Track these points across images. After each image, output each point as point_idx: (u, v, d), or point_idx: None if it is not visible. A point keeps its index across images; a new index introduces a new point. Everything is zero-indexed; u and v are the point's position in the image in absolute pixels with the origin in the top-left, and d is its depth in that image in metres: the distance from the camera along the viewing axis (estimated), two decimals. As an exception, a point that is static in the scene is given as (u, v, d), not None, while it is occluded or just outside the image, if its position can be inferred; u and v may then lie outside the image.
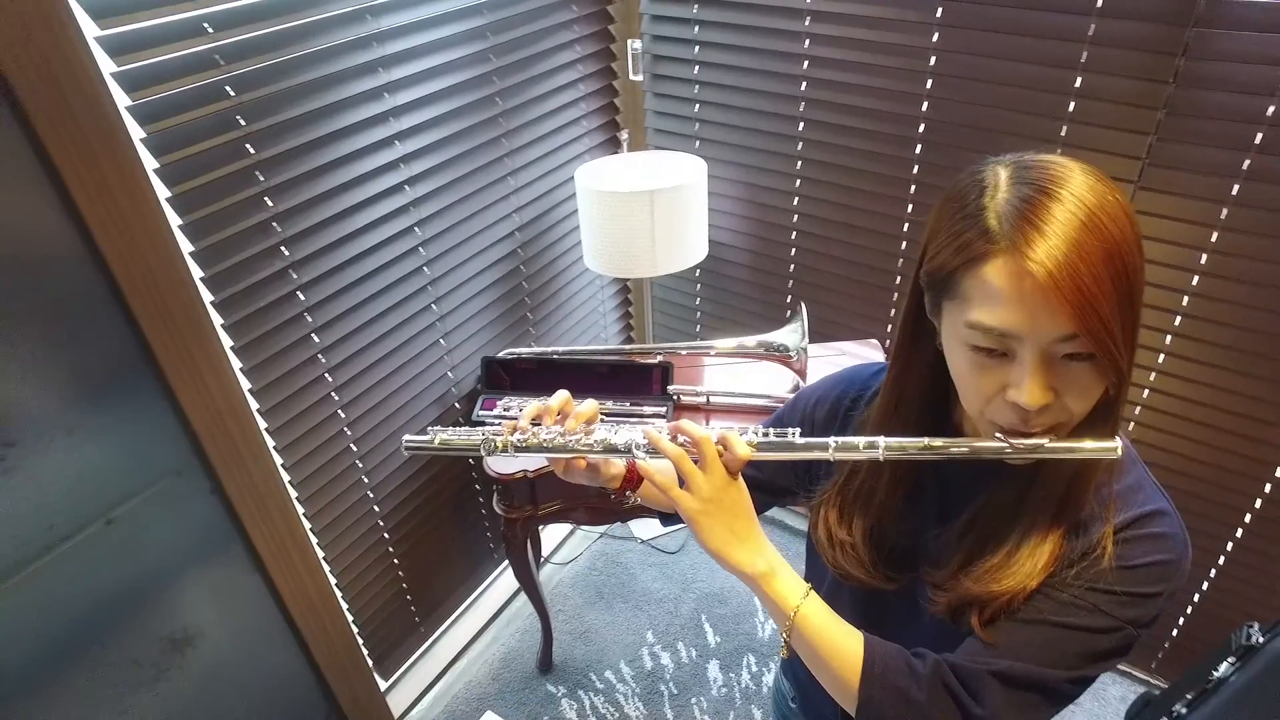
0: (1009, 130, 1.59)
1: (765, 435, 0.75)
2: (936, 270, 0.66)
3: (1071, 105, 1.52)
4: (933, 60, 1.61)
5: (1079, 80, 1.49)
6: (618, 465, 0.88)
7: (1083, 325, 0.59)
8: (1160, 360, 1.63)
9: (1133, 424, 1.73)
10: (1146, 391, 1.68)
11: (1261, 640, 1.06)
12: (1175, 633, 1.92)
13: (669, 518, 0.99)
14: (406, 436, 0.85)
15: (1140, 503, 0.70)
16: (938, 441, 0.70)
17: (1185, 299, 1.55)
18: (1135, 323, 0.62)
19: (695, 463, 0.74)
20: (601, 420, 0.84)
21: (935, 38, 1.59)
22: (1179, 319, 1.58)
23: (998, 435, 0.67)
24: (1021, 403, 0.63)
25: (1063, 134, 1.55)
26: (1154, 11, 1.38)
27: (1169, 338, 1.60)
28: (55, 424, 1.15)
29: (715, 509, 0.73)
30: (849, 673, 0.72)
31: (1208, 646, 1.10)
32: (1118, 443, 0.65)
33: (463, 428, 0.84)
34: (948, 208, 0.67)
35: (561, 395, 0.82)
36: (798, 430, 0.76)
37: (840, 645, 0.73)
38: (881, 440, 0.71)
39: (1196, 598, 1.83)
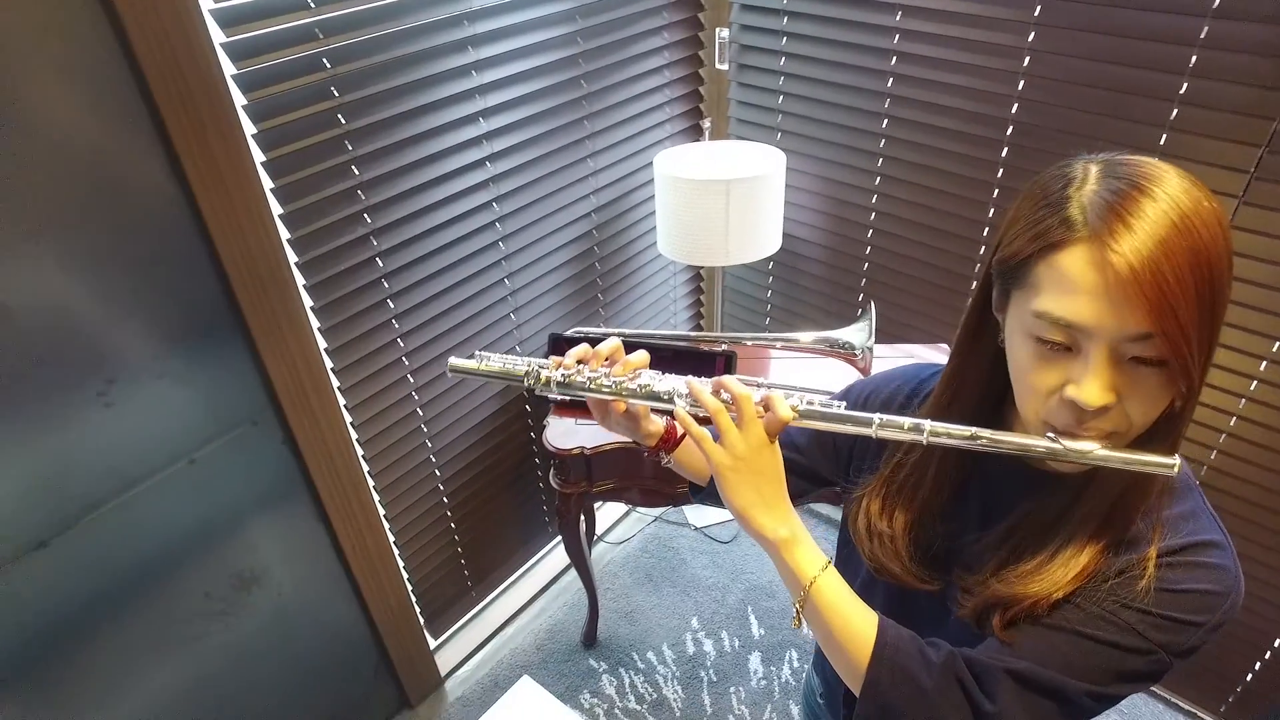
0: (1103, 136, 1.53)
1: (810, 403, 0.74)
2: (1009, 258, 0.64)
3: (1175, 112, 1.44)
4: (1026, 61, 1.56)
5: (1185, 86, 1.42)
6: (657, 424, 0.87)
7: (1159, 325, 0.56)
8: (1253, 387, 1.55)
9: (1215, 452, 1.64)
10: (1234, 419, 1.59)
11: None
12: (1250, 677, 1.82)
13: (700, 491, 0.98)
14: (452, 359, 0.84)
15: (1193, 531, 0.67)
16: (984, 432, 0.68)
17: (1287, 326, 1.46)
18: (1214, 336, 0.59)
19: (734, 420, 0.73)
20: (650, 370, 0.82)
21: (1031, 37, 1.53)
22: (1277, 345, 1.49)
23: (1049, 435, 0.64)
24: (1080, 400, 0.60)
25: (1162, 142, 1.47)
26: (1276, 14, 1.29)
27: (1264, 364, 1.51)
28: (150, 368, 1.24)
29: (745, 468, 0.72)
30: (859, 651, 0.71)
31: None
32: (1177, 460, 0.62)
33: (510, 356, 0.83)
34: (1029, 198, 0.65)
35: (612, 343, 0.81)
36: (844, 404, 0.74)
37: (854, 623, 0.72)
38: (927, 423, 0.69)
39: (1277, 643, 1.73)
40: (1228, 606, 0.66)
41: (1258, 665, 1.79)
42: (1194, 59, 1.39)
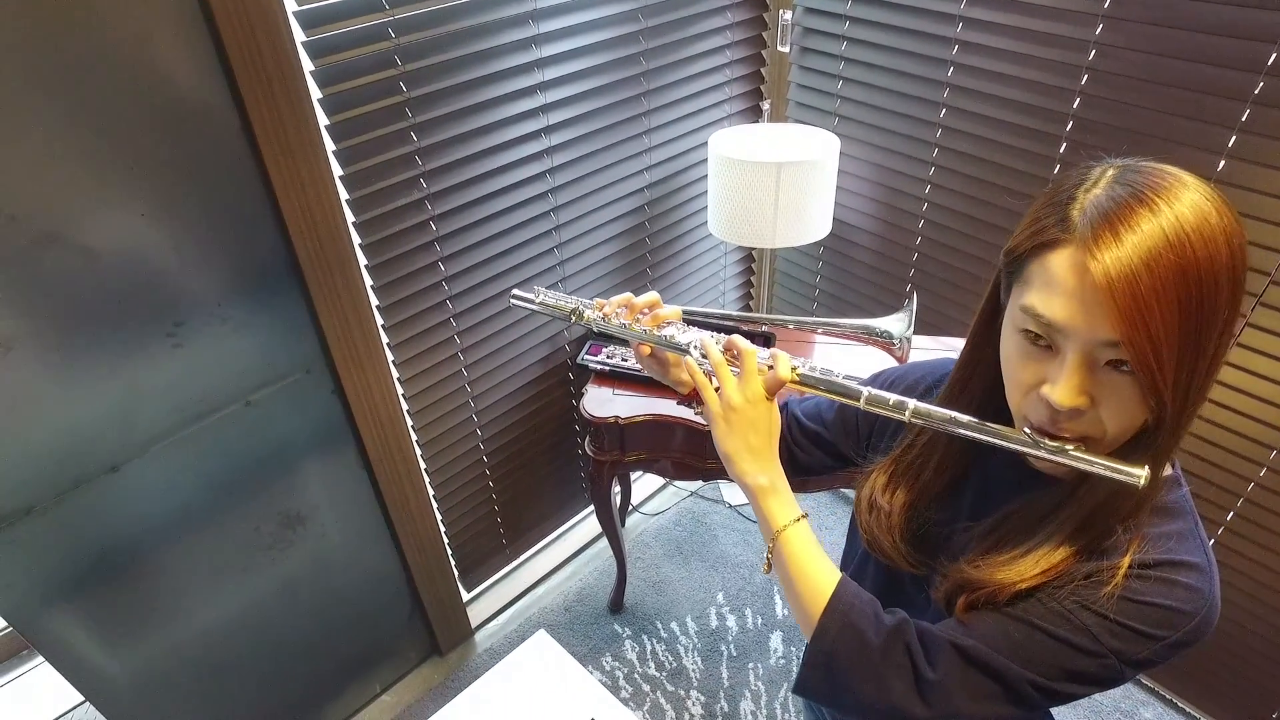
0: (1166, 135, 1.48)
1: (811, 369, 0.79)
2: (1011, 250, 0.67)
3: (1246, 113, 1.39)
4: (1092, 54, 1.52)
5: (1261, 85, 1.36)
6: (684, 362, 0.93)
7: (1127, 335, 0.57)
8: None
9: (1265, 469, 1.59)
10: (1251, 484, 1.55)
11: None
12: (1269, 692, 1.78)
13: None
14: (515, 290, 0.96)
15: (1173, 550, 0.67)
16: (964, 417, 0.71)
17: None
18: (1199, 357, 0.59)
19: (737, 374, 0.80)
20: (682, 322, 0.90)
21: (1099, 30, 1.49)
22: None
23: (1026, 430, 0.67)
24: (1052, 400, 0.63)
25: (1230, 144, 1.42)
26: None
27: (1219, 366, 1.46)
28: (215, 313, 1.33)
29: (737, 418, 0.78)
30: (815, 601, 0.74)
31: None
32: (1144, 471, 0.62)
33: (561, 294, 0.93)
34: (1046, 194, 0.67)
35: (651, 295, 0.89)
36: (842, 372, 0.79)
37: (815, 574, 0.76)
38: (911, 401, 0.73)
39: (1311, 667, 1.69)
40: (1192, 628, 0.66)
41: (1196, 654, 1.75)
42: (1275, 57, 1.34)
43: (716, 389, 0.81)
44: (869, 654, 0.72)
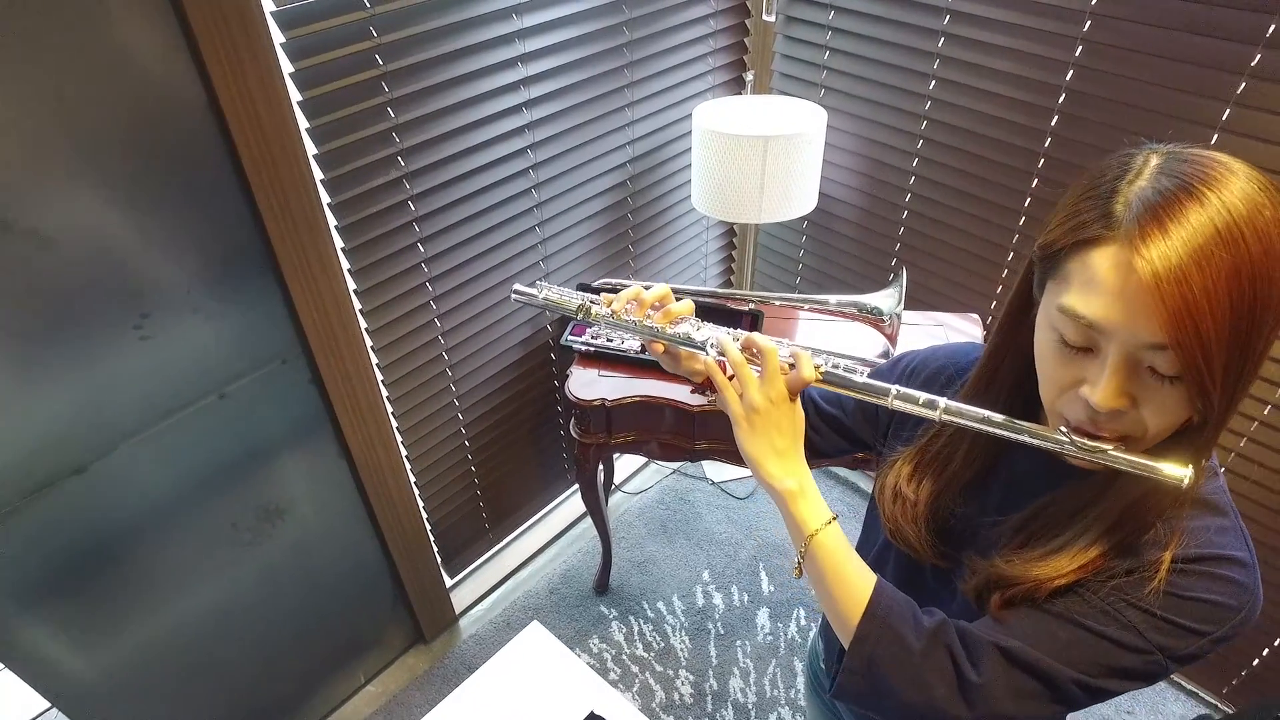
0: (1160, 110, 1.47)
1: (835, 366, 0.76)
2: (1048, 245, 0.63)
3: (1242, 86, 1.38)
4: (1086, 26, 1.49)
5: (1257, 58, 1.35)
6: (702, 361, 0.89)
7: (1176, 339, 0.54)
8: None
9: (1233, 454, 1.61)
10: (1255, 424, 1.56)
11: None
12: (1256, 663, 1.83)
13: None
14: (516, 285, 0.93)
15: (1215, 544, 0.66)
16: (997, 417, 0.68)
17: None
18: (1248, 358, 0.56)
19: (758, 374, 0.76)
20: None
21: (1093, 1, 1.47)
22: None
23: (1062, 430, 0.65)
24: (1093, 402, 0.60)
25: (1224, 117, 1.41)
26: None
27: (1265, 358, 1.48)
28: (184, 303, 1.26)
29: (761, 420, 0.75)
30: (853, 606, 0.72)
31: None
32: (1188, 471, 0.60)
33: (566, 290, 0.89)
34: (1083, 184, 0.63)
35: (661, 289, 0.85)
36: (868, 370, 0.76)
37: (851, 579, 0.73)
38: (942, 400, 0.70)
39: (1286, 631, 1.73)
40: (1237, 622, 0.65)
41: (1265, 651, 1.80)
42: (1272, 28, 1.32)
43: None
44: (910, 658, 0.69)
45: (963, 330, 1.91)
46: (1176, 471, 0.60)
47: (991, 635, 0.69)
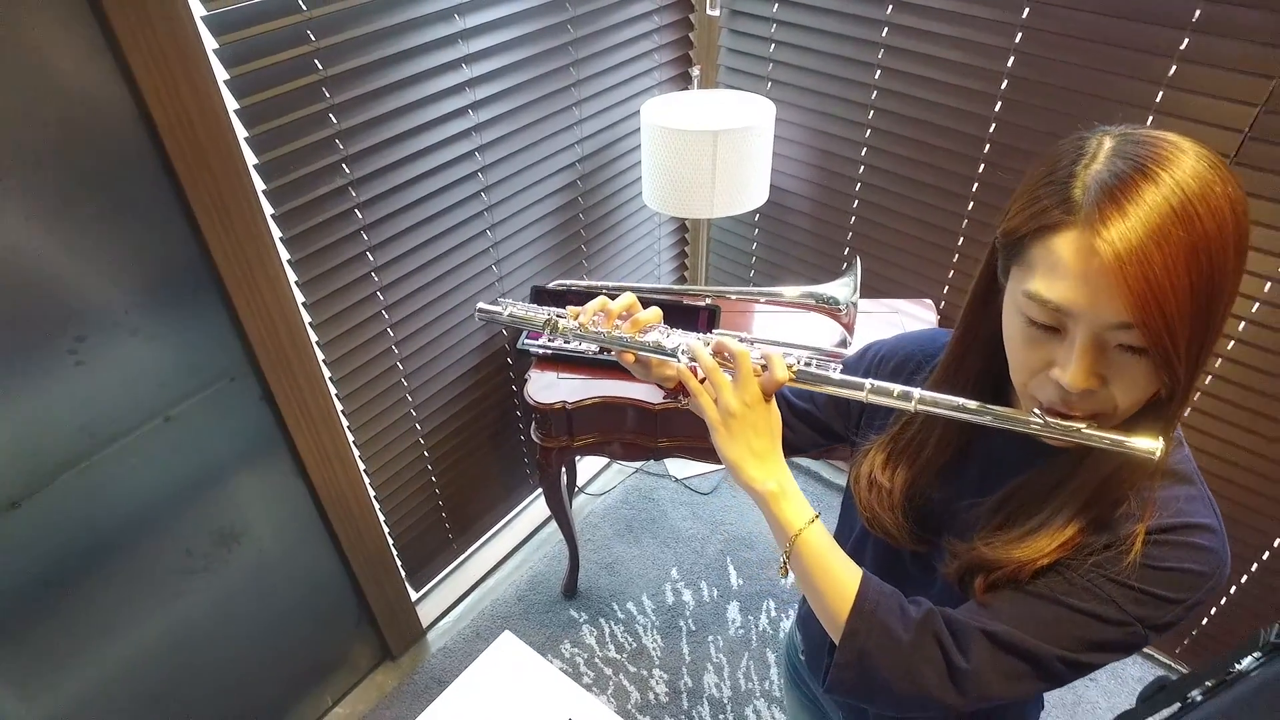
0: (1099, 93, 1.51)
1: (807, 364, 0.76)
2: (1010, 232, 0.64)
3: (1173, 69, 1.42)
4: (1025, 13, 1.52)
5: (1186, 41, 1.39)
6: (673, 367, 0.89)
7: (1141, 317, 0.56)
8: (1229, 346, 1.56)
9: (1199, 394, 1.67)
10: (1208, 378, 1.62)
11: None
12: (1205, 622, 1.89)
13: None
14: (480, 304, 0.91)
15: (1185, 513, 0.68)
16: (972, 404, 0.69)
17: (1267, 285, 1.47)
18: (1209, 329, 0.58)
19: (731, 377, 0.76)
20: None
21: (1032, -12, 1.50)
22: (1256, 305, 1.50)
23: (1035, 412, 0.66)
24: (1064, 383, 0.61)
25: (1158, 99, 1.45)
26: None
27: (1242, 324, 1.53)
28: (122, 323, 1.20)
29: (737, 424, 0.75)
30: (841, 602, 0.73)
31: (1237, 640, 1.07)
32: (1159, 444, 0.62)
33: (532, 305, 0.88)
34: (1039, 170, 0.64)
35: (627, 298, 0.84)
36: (840, 366, 0.76)
37: (837, 575, 0.74)
38: (916, 391, 0.71)
39: (1233, 590, 1.80)
40: (1209, 587, 0.67)
41: (1213, 610, 1.86)
42: (1198, 13, 1.36)
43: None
44: (900, 649, 0.70)
45: (917, 316, 1.94)
46: (1148, 444, 0.62)
47: (977, 621, 0.70)
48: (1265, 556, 1.71)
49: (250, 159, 1.25)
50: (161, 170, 1.15)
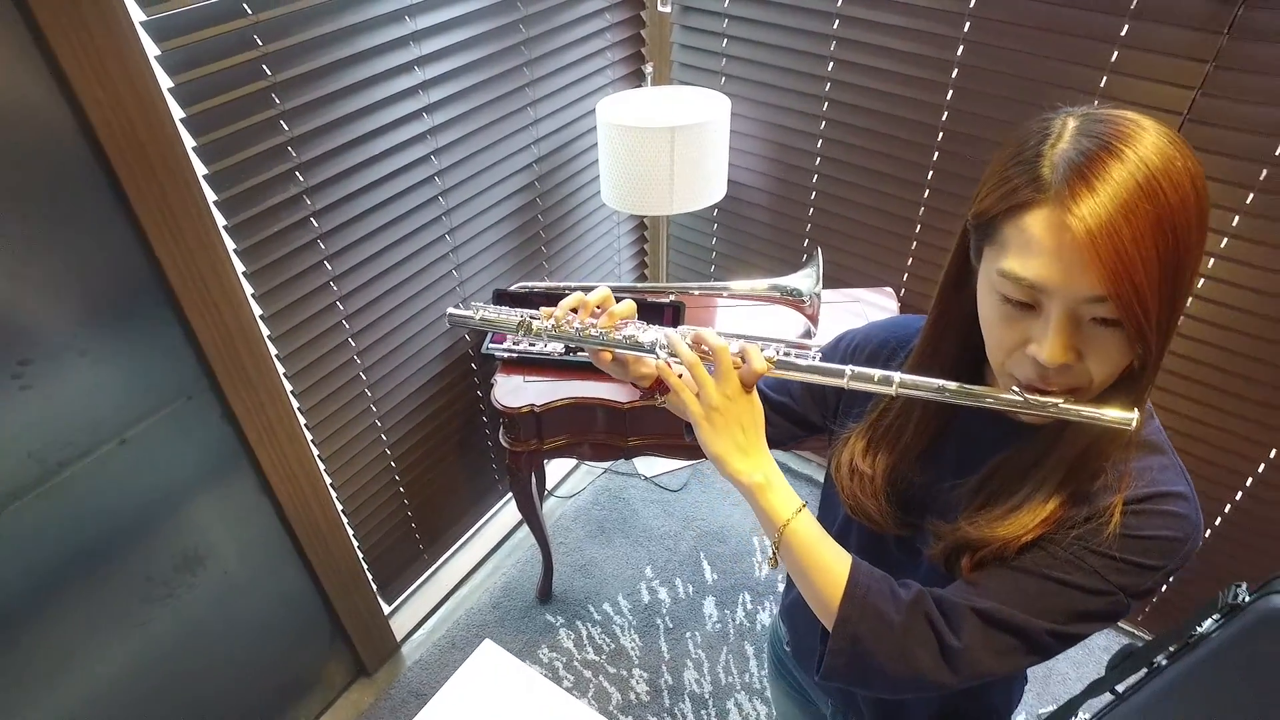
0: (1046, 79, 1.54)
1: (785, 354, 0.77)
2: (981, 214, 0.66)
3: (1115, 54, 1.46)
4: (972, 2, 1.55)
5: (1126, 28, 1.43)
6: (650, 365, 0.89)
7: (1113, 289, 0.57)
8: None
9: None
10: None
11: (1248, 600, 1.07)
12: (1165, 589, 1.96)
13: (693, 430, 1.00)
14: (450, 308, 0.89)
15: (1158, 481, 0.70)
16: (952, 385, 0.70)
17: (1210, 261, 1.52)
18: (1177, 298, 0.60)
19: (711, 371, 0.76)
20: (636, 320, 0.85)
21: (978, -22, 1.53)
22: (1200, 281, 1.55)
23: (1014, 389, 0.67)
24: (1041, 359, 0.63)
25: (1103, 84, 1.49)
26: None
27: (1189, 300, 1.58)
28: (69, 344, 1.15)
29: (720, 417, 0.75)
30: (832, 589, 0.73)
31: (1196, 604, 1.11)
32: (1135, 415, 0.64)
33: (503, 307, 0.86)
34: (1006, 151, 0.65)
35: (601, 292, 0.83)
36: (818, 354, 0.76)
37: (827, 563, 0.75)
38: (897, 375, 0.72)
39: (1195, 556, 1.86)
40: (1186, 552, 0.69)
41: (1172, 579, 1.92)
42: (1135, 1, 1.40)
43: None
44: (892, 633, 0.71)
45: (878, 304, 1.96)
46: (1123, 415, 0.64)
47: (967, 599, 0.71)
48: (1218, 523, 1.78)
49: (200, 169, 1.21)
50: (106, 184, 1.11)
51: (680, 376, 0.78)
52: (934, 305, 0.78)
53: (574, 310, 0.82)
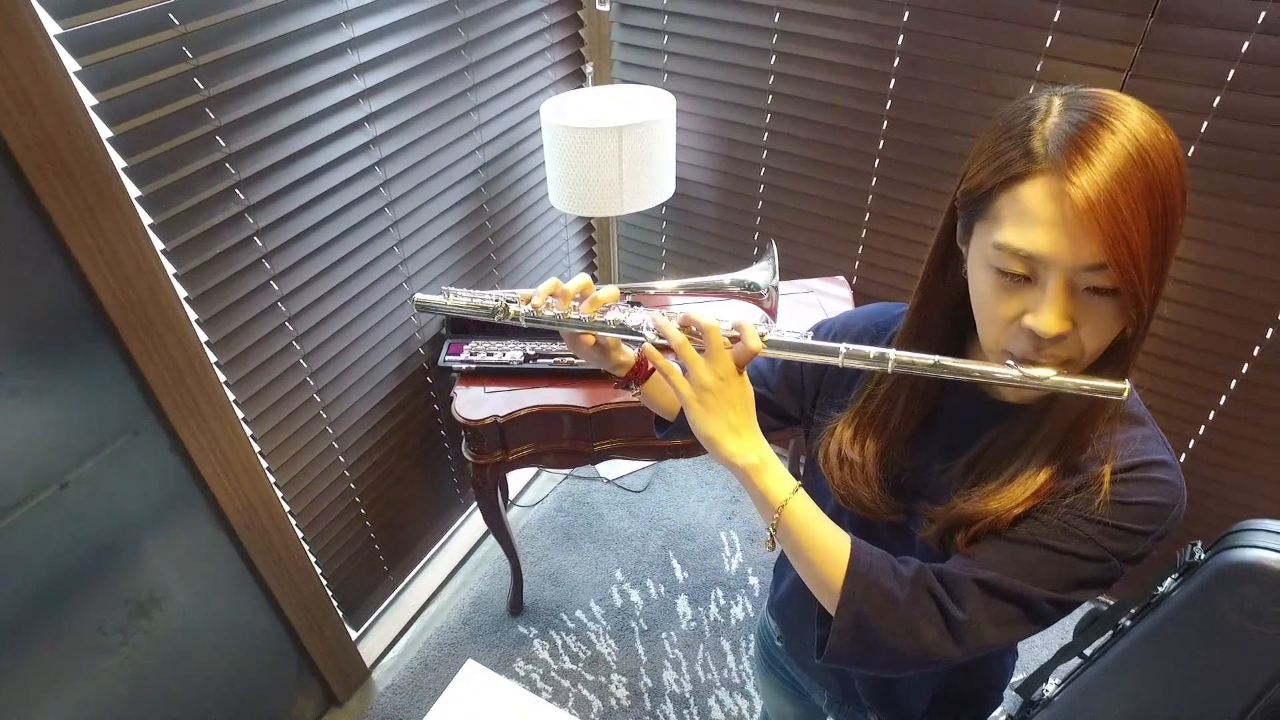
0: (985, 66, 1.57)
1: (778, 331, 0.75)
2: (972, 190, 0.66)
3: (1049, 40, 1.50)
4: (912, -9, 1.58)
5: (1058, 14, 1.47)
6: (628, 354, 0.87)
7: (1113, 255, 0.59)
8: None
9: None
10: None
11: (1203, 557, 1.11)
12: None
13: (665, 427, 1.00)
14: (418, 294, 0.84)
15: (1143, 451, 0.71)
16: (948, 360, 0.70)
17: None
18: (1165, 266, 0.62)
19: (700, 352, 0.74)
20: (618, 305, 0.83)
21: (914, -32, 1.55)
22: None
23: (1009, 363, 0.67)
24: (1038, 329, 0.63)
25: (1038, 69, 1.53)
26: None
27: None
28: (-1, 384, 1.07)
29: (712, 399, 0.73)
30: (833, 569, 0.73)
31: (1156, 567, 1.15)
32: (1126, 385, 0.65)
33: (477, 291, 0.83)
34: (993, 131, 0.66)
35: (582, 279, 0.81)
36: (811, 332, 0.76)
37: (826, 542, 0.74)
38: (892, 352, 0.71)
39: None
40: (1173, 517, 0.71)
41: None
42: (1064, -11, 1.45)
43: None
44: (896, 608, 0.71)
45: (832, 293, 1.98)
46: (1116, 385, 0.65)
47: (968, 571, 0.72)
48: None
49: (133, 190, 1.14)
50: (30, 211, 1.03)
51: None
52: (917, 292, 0.78)
53: (553, 296, 0.80)
